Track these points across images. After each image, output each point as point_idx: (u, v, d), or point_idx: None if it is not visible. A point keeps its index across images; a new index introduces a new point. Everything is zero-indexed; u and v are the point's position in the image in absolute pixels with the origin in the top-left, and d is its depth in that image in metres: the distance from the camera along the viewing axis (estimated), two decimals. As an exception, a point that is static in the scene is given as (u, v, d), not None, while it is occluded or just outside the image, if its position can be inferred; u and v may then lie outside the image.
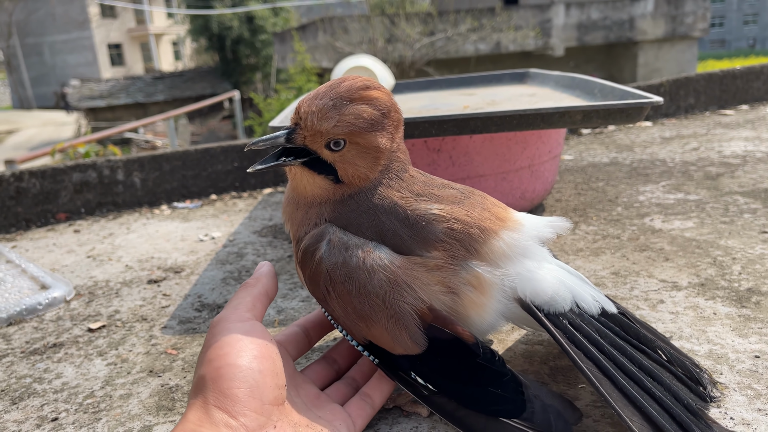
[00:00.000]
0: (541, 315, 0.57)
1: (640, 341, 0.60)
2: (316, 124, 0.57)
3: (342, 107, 0.57)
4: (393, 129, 0.61)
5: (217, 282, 1.05)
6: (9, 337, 0.91)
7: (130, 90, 17.05)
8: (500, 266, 0.58)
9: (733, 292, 0.84)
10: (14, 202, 1.45)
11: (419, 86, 1.70)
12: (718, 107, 2.41)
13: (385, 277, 0.55)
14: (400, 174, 0.61)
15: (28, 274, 1.10)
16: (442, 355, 0.55)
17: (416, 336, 0.55)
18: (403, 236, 0.57)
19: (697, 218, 1.16)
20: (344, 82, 0.59)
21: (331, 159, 0.59)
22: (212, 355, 0.50)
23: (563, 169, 1.62)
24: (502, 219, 0.61)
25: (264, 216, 1.43)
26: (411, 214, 0.58)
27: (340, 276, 0.56)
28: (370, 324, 0.56)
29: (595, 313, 0.60)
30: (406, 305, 0.55)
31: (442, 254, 0.57)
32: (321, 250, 0.58)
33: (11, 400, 0.73)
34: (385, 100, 0.59)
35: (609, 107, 0.94)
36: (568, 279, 0.61)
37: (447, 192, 0.61)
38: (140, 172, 1.57)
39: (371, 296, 0.55)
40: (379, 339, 0.57)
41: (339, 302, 0.57)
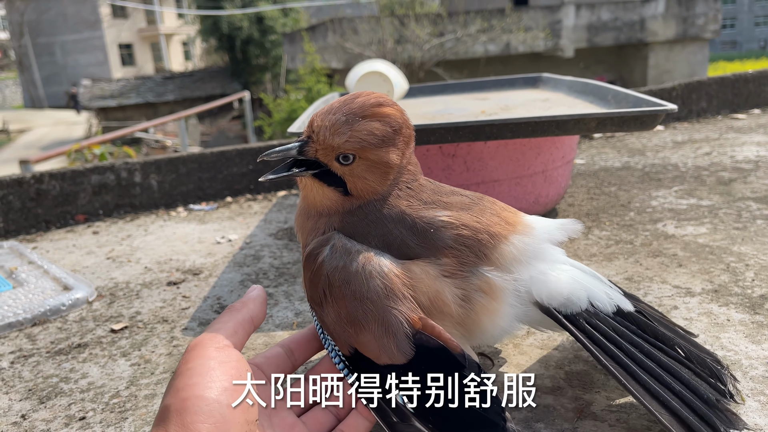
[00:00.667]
0: (560, 317, 0.59)
1: (657, 339, 0.61)
2: (328, 139, 0.58)
3: (354, 123, 0.58)
4: (404, 145, 0.62)
5: (235, 284, 1.07)
6: (34, 337, 0.93)
7: (140, 90, 17.16)
8: (512, 271, 0.59)
9: (747, 299, 0.85)
10: (34, 203, 1.48)
11: (432, 90, 1.71)
12: (731, 111, 2.41)
13: (381, 284, 0.55)
14: (409, 184, 0.62)
15: (51, 275, 1.13)
16: (426, 365, 0.54)
17: (403, 345, 0.54)
18: (410, 245, 0.58)
19: (710, 224, 1.17)
20: (358, 98, 0.60)
21: (340, 172, 0.60)
22: (180, 384, 0.47)
23: (575, 174, 1.63)
24: (512, 223, 0.62)
25: (279, 219, 1.45)
26: (419, 222, 0.59)
27: (339, 279, 0.56)
28: (359, 330, 0.55)
29: (610, 312, 0.61)
30: (398, 313, 0.54)
31: (452, 261, 0.58)
32: (324, 253, 0.58)
33: (39, 399, 0.75)
34: (398, 117, 0.61)
35: (623, 114, 0.96)
36: (582, 278, 0.62)
37: (456, 199, 0.62)
38: (157, 174, 1.59)
39: (365, 301, 0.55)
40: (366, 347, 0.55)
41: (334, 306, 0.57)
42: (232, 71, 17.51)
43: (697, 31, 11.86)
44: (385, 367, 0.54)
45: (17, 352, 0.88)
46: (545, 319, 0.61)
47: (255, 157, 1.69)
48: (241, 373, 0.50)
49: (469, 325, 0.58)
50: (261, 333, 0.88)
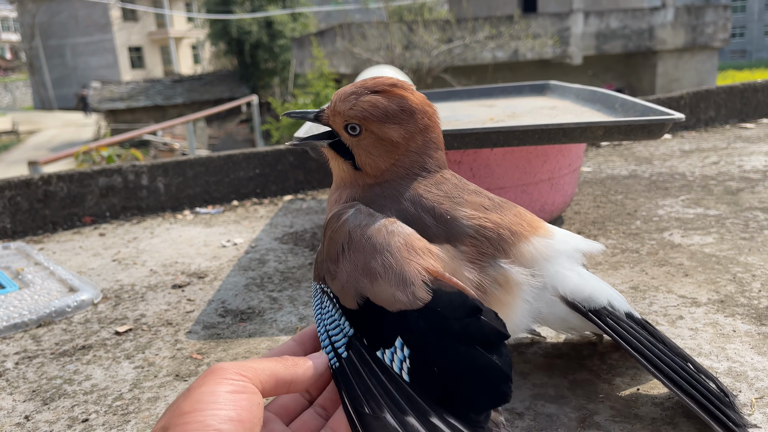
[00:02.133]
0: (585, 309, 0.61)
1: (665, 345, 0.63)
2: (337, 105, 0.62)
3: (362, 95, 0.61)
4: (415, 130, 0.62)
5: (240, 288, 1.07)
6: (39, 339, 0.93)
7: (149, 92, 17.25)
8: (531, 267, 0.60)
9: (753, 310, 0.85)
10: (42, 205, 1.49)
11: (440, 96, 1.71)
12: (739, 120, 2.40)
13: (403, 241, 0.55)
14: (429, 174, 0.63)
15: (57, 276, 1.13)
16: (443, 309, 0.51)
17: (420, 290, 0.52)
18: (428, 224, 0.59)
19: (716, 234, 1.16)
20: (377, 78, 0.63)
21: (348, 143, 0.64)
22: (186, 407, 0.45)
23: (582, 182, 1.63)
24: (534, 227, 0.63)
25: (285, 223, 1.45)
26: (438, 208, 0.60)
27: (360, 235, 0.57)
28: (374, 280, 0.54)
29: (623, 316, 0.63)
30: (416, 264, 0.54)
31: (470, 249, 0.58)
32: (348, 213, 0.60)
33: (43, 400, 0.76)
34: (411, 100, 0.62)
35: (631, 123, 0.95)
36: (600, 282, 0.64)
37: (478, 198, 0.63)
38: (164, 177, 1.59)
39: (385, 253, 0.55)
40: (379, 295, 0.54)
41: (350, 259, 0.56)
42: (240, 75, 17.59)
43: (707, 39, 11.83)
44: (397, 314, 0.52)
45: (22, 353, 0.88)
46: (570, 314, 0.62)
47: (262, 161, 1.69)
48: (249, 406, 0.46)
49: None
50: (265, 338, 0.88)
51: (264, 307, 0.98)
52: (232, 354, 0.83)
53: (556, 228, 0.66)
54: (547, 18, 11.36)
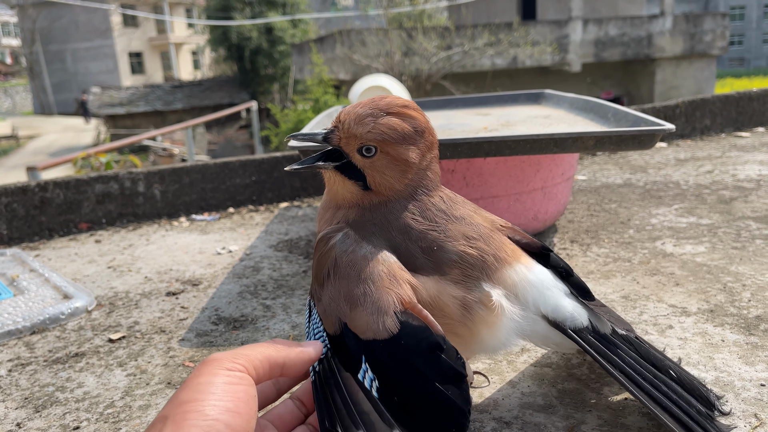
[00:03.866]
0: (567, 329, 0.61)
1: (649, 359, 0.63)
2: (353, 128, 0.62)
3: (379, 117, 0.61)
4: (425, 148, 0.64)
5: (233, 296, 1.08)
6: (32, 346, 0.94)
7: (149, 98, 17.28)
8: (514, 291, 0.61)
9: (742, 320, 0.85)
10: (38, 211, 1.49)
11: (436, 105, 1.72)
12: (734, 129, 2.41)
13: (386, 270, 0.58)
14: (423, 197, 0.64)
15: (51, 283, 1.14)
16: (407, 342, 0.54)
17: (390, 321, 0.55)
18: (415, 255, 0.60)
19: (708, 243, 1.17)
20: (386, 98, 0.63)
21: (361, 164, 0.63)
22: (184, 397, 0.47)
23: (577, 190, 1.64)
24: (517, 256, 0.64)
25: (280, 230, 1.46)
26: (424, 239, 0.61)
27: (345, 261, 0.59)
28: (353, 307, 0.56)
29: (608, 332, 0.63)
30: (393, 294, 0.56)
31: (457, 273, 0.60)
32: (336, 237, 0.62)
33: (35, 408, 0.76)
34: (421, 120, 0.64)
35: (621, 134, 0.96)
36: (580, 303, 0.64)
37: (463, 228, 0.63)
38: (160, 184, 1.60)
39: (367, 282, 0.57)
40: (355, 321, 0.56)
41: (335, 285, 0.59)
42: (240, 81, 17.62)
43: (705, 47, 11.87)
44: (367, 342, 0.55)
45: (15, 360, 0.89)
46: (551, 332, 0.62)
47: (258, 169, 1.70)
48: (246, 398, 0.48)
49: (467, 335, 0.60)
50: (257, 345, 0.88)
51: (257, 315, 0.99)
52: (224, 362, 0.84)
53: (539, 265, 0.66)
54: (546, 25, 11.40)
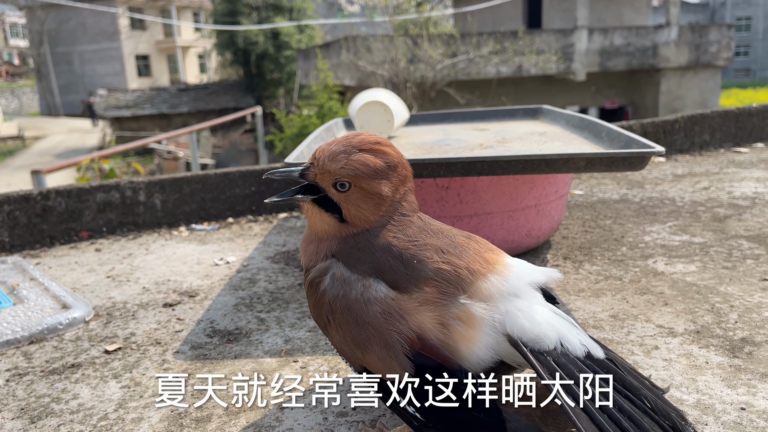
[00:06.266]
0: (526, 350, 0.61)
1: (625, 387, 0.63)
2: (327, 165, 0.65)
3: (351, 153, 0.65)
4: (398, 182, 0.67)
5: (229, 308, 1.09)
6: (30, 356, 0.95)
7: (155, 101, 17.34)
8: (488, 304, 0.63)
9: (727, 341, 0.87)
10: (40, 219, 1.51)
11: (434, 119, 1.74)
12: (734, 144, 2.42)
13: (380, 309, 0.62)
14: (400, 220, 0.67)
15: (51, 293, 1.15)
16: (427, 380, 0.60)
17: (404, 364, 0.60)
18: (397, 271, 0.64)
19: (700, 262, 1.18)
20: (360, 135, 0.67)
21: (337, 198, 0.66)
22: None
23: (572, 205, 1.65)
24: (492, 263, 0.66)
25: (278, 241, 1.48)
26: (405, 254, 0.64)
27: (340, 307, 0.63)
28: (365, 351, 0.62)
29: (580, 355, 0.63)
30: (397, 335, 0.61)
31: (433, 290, 0.62)
32: (325, 282, 0.65)
33: (30, 419, 0.78)
34: (393, 156, 0.67)
35: (612, 155, 0.98)
36: (556, 321, 0.64)
37: (438, 241, 0.66)
38: (161, 193, 1.62)
39: (367, 326, 0.62)
40: (372, 366, 0.62)
41: (339, 331, 0.64)
42: (246, 85, 17.67)
43: (710, 58, 11.87)
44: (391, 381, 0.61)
45: (13, 370, 0.91)
46: (514, 352, 0.63)
47: (258, 179, 1.72)
48: None
49: (448, 351, 0.61)
50: (249, 359, 0.90)
51: (251, 328, 1.00)
52: (217, 375, 0.85)
53: (516, 261, 0.68)
54: (551, 34, 11.42)
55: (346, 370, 0.86)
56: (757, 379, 0.76)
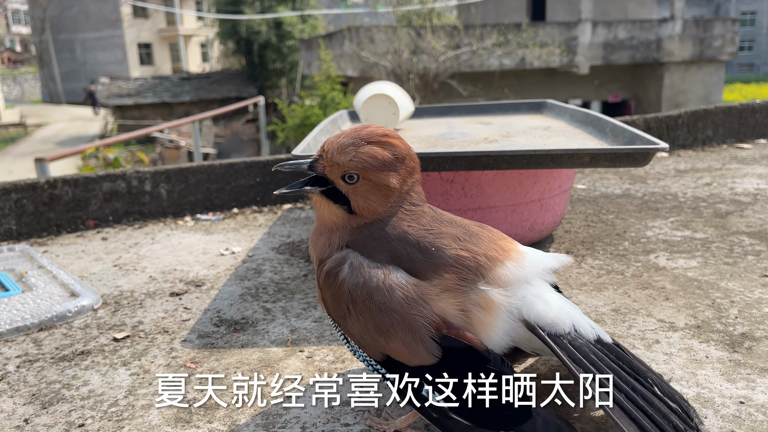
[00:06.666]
0: (543, 334, 0.63)
1: (633, 369, 0.65)
2: (335, 157, 0.66)
3: (360, 146, 0.65)
4: (406, 174, 0.68)
5: (235, 298, 1.11)
6: (40, 342, 0.97)
7: (157, 89, 17.32)
8: (506, 290, 0.64)
9: (727, 336, 0.88)
10: (47, 207, 1.52)
11: (439, 111, 1.75)
12: (736, 140, 2.43)
13: (403, 295, 0.62)
14: (411, 210, 0.68)
15: (59, 281, 1.17)
16: (455, 363, 0.61)
17: (431, 347, 0.61)
18: (416, 259, 0.64)
19: (701, 257, 1.19)
20: (368, 128, 0.67)
21: (345, 190, 0.67)
22: None
23: (575, 199, 1.66)
24: (507, 250, 0.67)
25: (282, 232, 1.49)
26: (422, 242, 0.65)
27: (362, 295, 0.63)
28: (389, 338, 0.63)
29: (591, 339, 0.65)
30: (422, 319, 0.61)
31: (453, 277, 0.63)
32: (344, 272, 0.65)
33: (41, 404, 0.79)
34: (402, 148, 0.68)
35: (616, 151, 0.99)
36: (568, 307, 0.67)
37: (453, 230, 0.67)
38: (167, 183, 1.63)
39: (391, 312, 0.62)
40: (396, 352, 0.63)
41: (359, 319, 0.64)
42: (248, 74, 17.64)
43: (714, 52, 11.83)
44: (417, 368, 0.62)
45: (23, 357, 0.92)
46: (532, 337, 0.65)
47: (263, 170, 1.73)
48: None
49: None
50: (256, 349, 0.91)
51: (257, 318, 1.02)
52: (224, 364, 0.87)
53: (527, 249, 0.70)
54: (555, 27, 11.38)
55: (352, 359, 0.87)
56: (756, 374, 0.78)
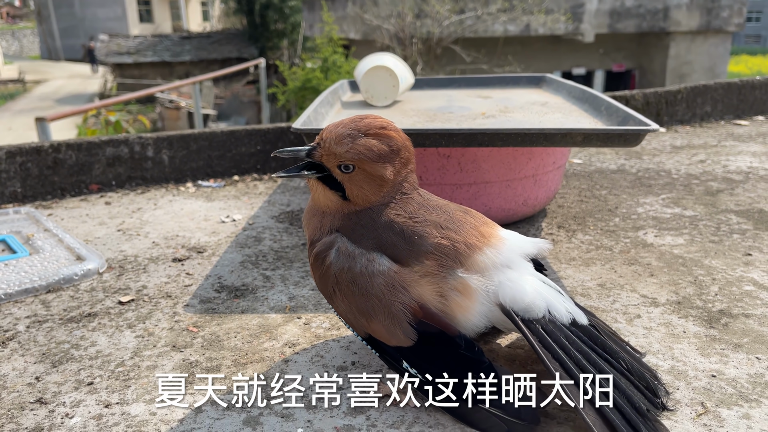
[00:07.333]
0: (517, 319, 0.68)
1: (605, 351, 0.69)
2: (333, 147, 0.69)
3: (357, 138, 0.68)
4: (400, 165, 0.72)
5: (235, 265, 1.14)
6: (48, 304, 1.01)
7: (157, 48, 17.12)
8: (483, 275, 0.69)
9: (706, 312, 0.92)
10: (51, 171, 1.55)
11: (439, 83, 1.76)
12: (734, 117, 2.44)
13: (384, 281, 0.67)
14: (401, 198, 0.72)
15: (65, 244, 1.20)
16: (429, 346, 0.66)
17: (408, 331, 0.66)
18: (399, 247, 0.69)
19: (688, 235, 1.23)
20: (366, 119, 0.70)
21: (340, 178, 0.71)
22: None
23: (570, 174, 1.69)
24: (487, 236, 0.71)
25: (282, 201, 1.52)
26: (406, 230, 0.69)
27: (346, 279, 0.69)
28: (370, 320, 0.68)
29: (566, 322, 0.69)
30: (400, 305, 0.66)
31: (433, 263, 0.68)
32: (330, 256, 0.70)
33: (52, 363, 0.83)
34: (398, 140, 0.71)
35: (608, 132, 1.01)
36: (544, 290, 0.70)
37: (437, 217, 0.71)
38: (169, 149, 1.66)
39: (372, 297, 0.67)
40: (377, 333, 0.68)
41: (344, 301, 0.70)
42: (249, 35, 17.42)
43: (721, 23, 11.68)
44: (395, 348, 0.67)
45: (33, 317, 0.96)
46: (506, 320, 0.69)
47: (263, 138, 1.75)
48: None
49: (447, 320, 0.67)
50: (255, 315, 0.95)
51: (257, 285, 1.06)
52: (225, 328, 0.91)
53: (509, 234, 0.74)
54: (562, -7, 11.21)
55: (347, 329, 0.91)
56: (730, 349, 0.82)
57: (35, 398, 0.76)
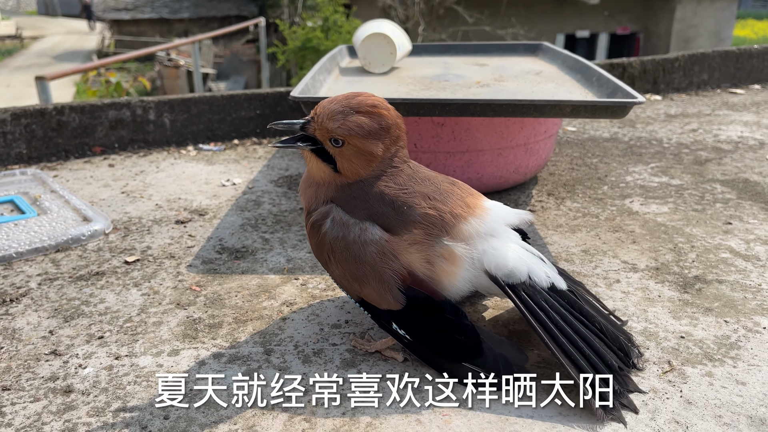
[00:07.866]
0: (502, 283, 0.73)
1: (581, 314, 0.75)
2: (325, 122, 0.74)
3: (348, 115, 0.73)
4: (390, 142, 0.76)
5: (236, 227, 1.19)
6: (58, 263, 1.06)
7: (155, 5, 16.86)
8: (468, 244, 0.74)
9: (681, 278, 0.97)
10: (56, 133, 1.59)
11: (437, 50, 1.78)
12: (731, 85, 2.46)
13: (375, 249, 0.72)
14: (392, 171, 0.76)
15: (71, 205, 1.25)
16: (416, 310, 0.72)
17: (397, 296, 0.72)
18: (389, 217, 0.73)
19: (673, 204, 1.27)
20: (359, 97, 0.74)
21: (332, 152, 0.75)
22: None
23: (563, 141, 1.72)
24: (472, 207, 0.76)
25: (281, 165, 1.56)
26: (396, 201, 0.74)
27: (340, 247, 0.74)
28: (362, 285, 0.73)
29: (545, 287, 0.75)
30: (390, 272, 0.71)
31: (421, 232, 0.73)
32: (326, 225, 0.75)
33: (64, 318, 0.89)
34: (388, 118, 0.75)
35: (595, 104, 1.05)
36: (525, 256, 0.76)
37: (425, 188, 0.76)
38: (170, 113, 1.69)
39: (364, 264, 0.72)
40: (369, 297, 0.74)
41: (338, 267, 0.75)
42: (249, -8, 17.14)
43: (728, -14, 11.50)
44: (386, 311, 0.73)
45: (44, 275, 1.01)
46: (492, 285, 0.74)
47: (263, 103, 1.78)
48: None
49: (433, 283, 0.73)
50: (255, 275, 1.00)
51: (257, 247, 1.11)
52: (227, 288, 0.96)
53: (493, 204, 0.78)
54: (567, -47, 10.99)
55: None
56: (701, 313, 0.87)
57: (50, 350, 0.81)
